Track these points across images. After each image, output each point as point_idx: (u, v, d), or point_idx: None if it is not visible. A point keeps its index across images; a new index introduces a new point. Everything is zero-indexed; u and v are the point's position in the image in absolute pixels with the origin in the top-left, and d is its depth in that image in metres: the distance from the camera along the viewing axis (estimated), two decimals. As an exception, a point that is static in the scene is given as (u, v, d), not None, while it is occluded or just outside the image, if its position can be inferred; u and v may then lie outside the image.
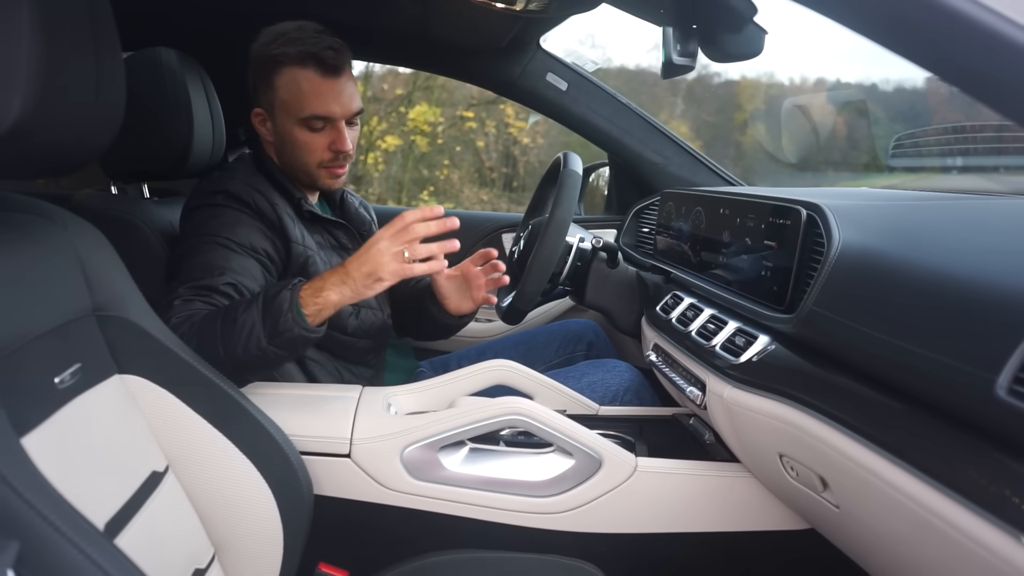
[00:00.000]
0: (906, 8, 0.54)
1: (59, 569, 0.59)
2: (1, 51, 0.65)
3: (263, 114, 1.39)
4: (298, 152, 1.37)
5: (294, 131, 1.35)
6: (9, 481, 0.59)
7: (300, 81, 1.32)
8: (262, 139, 1.43)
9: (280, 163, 1.42)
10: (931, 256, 0.85)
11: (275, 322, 1.09)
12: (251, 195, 1.30)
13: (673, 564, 1.20)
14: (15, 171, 0.76)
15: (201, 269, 1.21)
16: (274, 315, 1.10)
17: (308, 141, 1.36)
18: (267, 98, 1.36)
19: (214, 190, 1.31)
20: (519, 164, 7.30)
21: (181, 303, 1.16)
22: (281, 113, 1.35)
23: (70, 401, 0.80)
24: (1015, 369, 0.63)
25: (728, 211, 1.32)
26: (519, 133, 7.17)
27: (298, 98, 1.32)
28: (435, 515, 1.17)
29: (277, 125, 1.37)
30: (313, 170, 1.39)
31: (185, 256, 1.24)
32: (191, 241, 1.26)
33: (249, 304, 1.12)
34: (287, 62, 1.32)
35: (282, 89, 1.33)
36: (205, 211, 1.28)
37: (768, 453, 1.04)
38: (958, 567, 0.70)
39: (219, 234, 1.25)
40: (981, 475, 0.66)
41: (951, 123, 1.55)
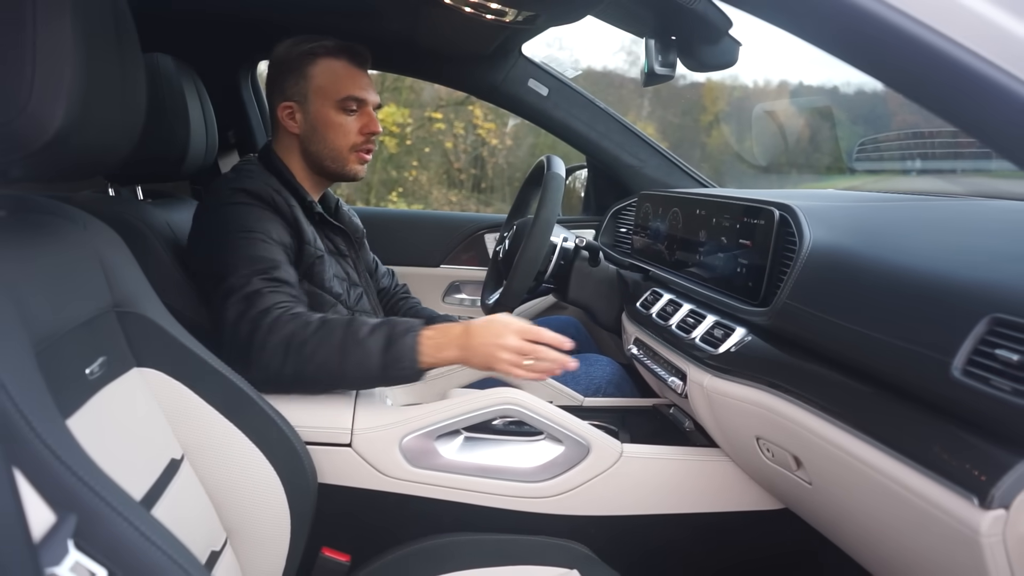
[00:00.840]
0: (836, 14, 0.61)
1: (111, 539, 0.64)
2: (49, 63, 0.69)
3: (292, 107, 1.45)
4: (332, 135, 1.44)
5: (330, 114, 1.43)
6: (63, 460, 0.64)
7: (336, 68, 1.43)
8: (279, 137, 1.48)
9: (305, 154, 1.47)
10: (894, 253, 0.93)
11: (396, 360, 1.17)
12: (270, 194, 1.35)
13: (657, 543, 1.27)
14: (53, 175, 0.80)
15: (260, 261, 1.25)
16: (395, 354, 1.17)
17: (343, 123, 1.44)
18: (299, 88, 1.43)
19: (234, 188, 1.34)
20: (487, 165, 7.34)
21: (270, 293, 1.22)
22: (317, 98, 1.43)
23: (99, 391, 0.85)
24: (968, 352, 0.72)
25: (704, 211, 1.39)
26: (488, 134, 7.22)
27: (335, 82, 1.43)
28: (432, 501, 1.23)
29: (311, 112, 1.44)
30: (346, 153, 1.46)
31: (229, 249, 1.26)
32: (228, 237, 1.28)
33: (374, 331, 1.19)
34: (323, 53, 1.43)
35: (318, 76, 1.43)
36: (231, 208, 1.32)
37: (746, 437, 1.12)
38: (919, 532, 0.78)
39: (255, 229, 1.29)
40: (941, 448, 0.74)
41: (911, 128, 1.65)
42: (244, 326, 1.19)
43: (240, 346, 1.19)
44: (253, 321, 1.19)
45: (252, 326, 1.19)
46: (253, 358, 1.17)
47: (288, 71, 1.44)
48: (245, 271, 1.24)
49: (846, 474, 0.89)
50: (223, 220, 1.31)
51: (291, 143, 1.48)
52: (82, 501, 0.64)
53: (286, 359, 1.17)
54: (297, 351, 1.16)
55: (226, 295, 1.23)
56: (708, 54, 1.40)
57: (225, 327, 1.21)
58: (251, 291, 1.22)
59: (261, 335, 1.17)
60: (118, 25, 0.83)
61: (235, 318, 1.20)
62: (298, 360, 1.16)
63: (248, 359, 1.17)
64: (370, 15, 1.74)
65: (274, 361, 1.17)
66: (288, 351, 1.17)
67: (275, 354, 1.17)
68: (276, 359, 1.17)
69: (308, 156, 1.47)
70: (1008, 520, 0.66)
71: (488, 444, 1.26)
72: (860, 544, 0.99)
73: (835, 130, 2.48)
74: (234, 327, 1.20)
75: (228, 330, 1.21)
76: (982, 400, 0.69)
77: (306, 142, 1.46)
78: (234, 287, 1.23)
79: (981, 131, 0.62)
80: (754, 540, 1.30)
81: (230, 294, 1.22)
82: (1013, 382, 0.67)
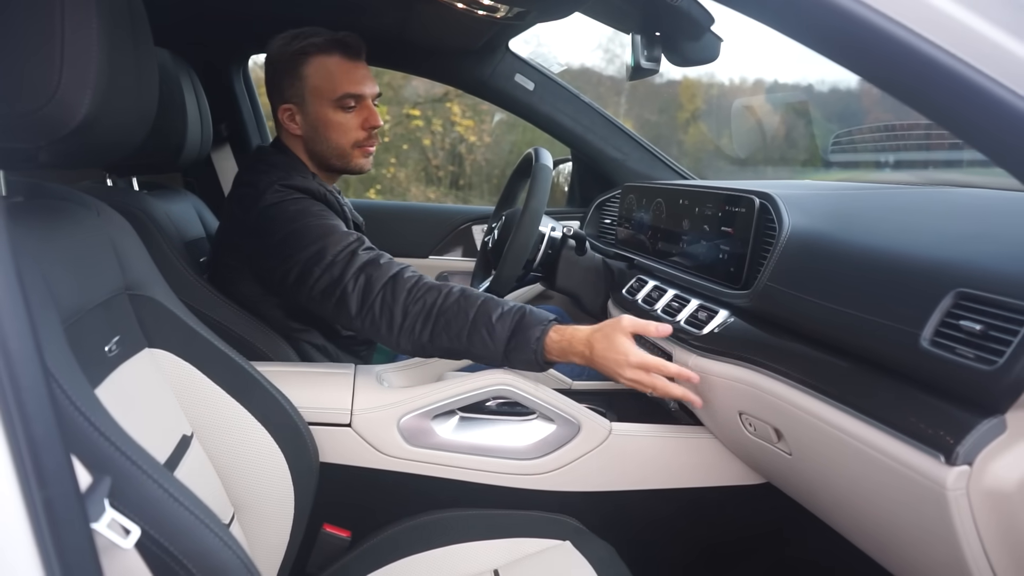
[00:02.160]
0: (816, 11, 0.66)
1: (143, 500, 0.68)
2: (76, 54, 0.73)
3: (292, 108, 1.45)
4: (333, 134, 1.46)
5: (328, 114, 1.44)
6: (97, 426, 0.68)
7: (329, 66, 1.42)
8: (285, 135, 1.49)
9: (311, 153, 1.49)
10: (867, 236, 1.00)
11: (519, 346, 1.20)
12: (315, 187, 1.38)
13: (644, 516, 1.33)
14: (76, 161, 0.84)
15: (347, 236, 1.29)
16: (521, 341, 1.20)
17: (343, 121, 1.45)
18: (296, 90, 1.44)
19: (284, 185, 1.36)
20: (466, 162, 7.36)
21: (388, 262, 1.26)
22: (314, 99, 1.43)
23: (116, 368, 0.89)
24: (936, 324, 0.78)
25: (687, 202, 1.45)
26: (466, 132, 7.23)
27: (330, 81, 1.42)
28: (429, 478, 1.28)
29: (309, 113, 1.45)
30: (348, 151, 1.48)
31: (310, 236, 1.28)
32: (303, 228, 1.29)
33: (505, 316, 1.22)
34: (314, 51, 1.42)
35: (312, 76, 1.42)
36: (290, 204, 1.33)
37: (729, 412, 1.17)
38: (892, 491, 0.84)
39: (324, 216, 1.32)
40: (911, 413, 0.80)
41: (884, 122, 1.72)
42: (378, 298, 1.23)
43: (379, 317, 1.23)
44: (387, 290, 1.23)
45: (388, 295, 1.22)
46: (400, 326, 1.22)
47: (283, 72, 1.44)
48: (342, 248, 1.26)
49: (824, 443, 0.95)
50: (289, 213, 1.31)
51: (297, 141, 1.49)
52: (115, 464, 0.68)
53: (425, 327, 1.21)
54: (436, 319, 1.21)
55: (334, 279, 1.25)
56: (691, 49, 1.46)
57: (349, 303, 1.24)
58: (364, 262, 1.25)
59: (402, 303, 1.22)
60: (133, 19, 0.87)
61: (363, 293, 1.24)
62: (435, 329, 1.21)
63: (393, 327, 1.22)
64: (361, 10, 1.78)
65: (417, 326, 1.21)
66: (428, 319, 1.21)
67: (417, 321, 1.21)
68: (419, 325, 1.21)
69: (313, 155, 1.49)
70: (971, 475, 0.73)
71: (482, 424, 1.31)
72: (837, 509, 1.06)
73: (811, 126, 2.56)
74: (364, 301, 1.23)
75: (359, 305, 1.24)
76: (949, 367, 0.75)
77: (309, 142, 1.48)
78: (338, 269, 1.25)
79: (954, 124, 0.68)
80: (736, 513, 1.36)
81: (343, 273, 1.25)
82: (976, 350, 0.73)
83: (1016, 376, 0.68)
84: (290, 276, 1.29)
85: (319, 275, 1.26)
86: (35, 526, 0.52)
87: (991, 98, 0.60)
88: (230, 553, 0.72)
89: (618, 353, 1.17)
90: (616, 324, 1.19)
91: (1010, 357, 0.69)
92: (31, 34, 0.72)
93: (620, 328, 1.18)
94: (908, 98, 0.68)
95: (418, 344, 1.24)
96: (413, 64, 2.21)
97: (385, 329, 1.24)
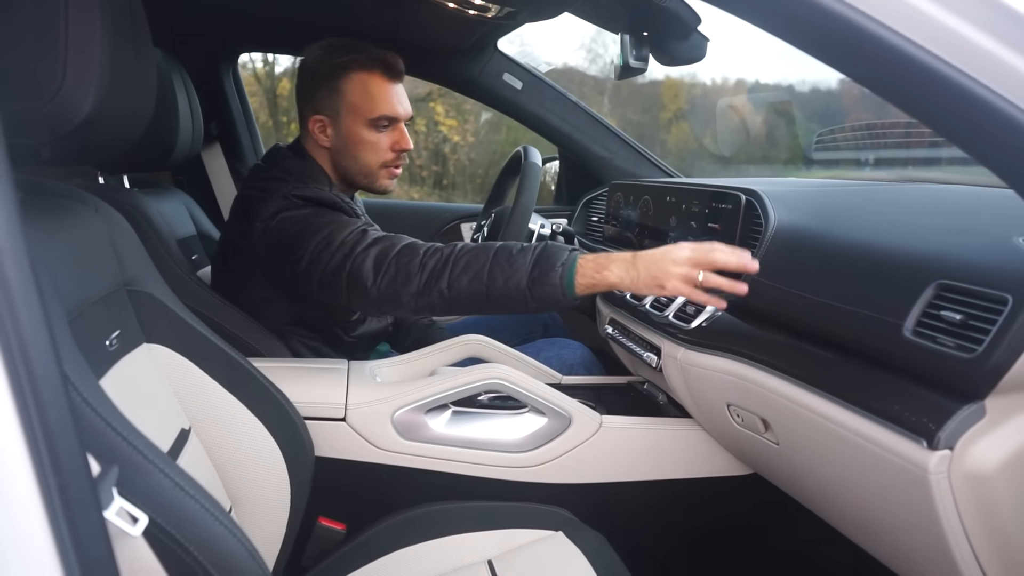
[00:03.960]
0: (803, 11, 0.69)
1: (150, 489, 0.69)
2: (79, 52, 0.74)
3: (324, 120, 1.44)
4: (363, 153, 1.45)
5: (362, 132, 1.43)
6: (103, 416, 0.69)
7: (369, 85, 1.41)
8: (311, 144, 1.47)
9: (336, 167, 1.47)
10: (850, 230, 1.03)
11: (543, 274, 1.12)
12: (331, 198, 1.36)
13: (634, 507, 1.36)
14: (78, 158, 0.85)
15: (354, 222, 1.28)
16: (545, 266, 1.12)
17: (375, 141, 1.44)
18: (331, 103, 1.42)
19: (299, 196, 1.34)
20: (449, 162, 7.36)
21: (391, 235, 1.24)
22: (349, 116, 1.42)
23: (117, 362, 0.90)
24: (917, 315, 0.81)
25: (674, 199, 1.48)
26: (450, 131, 7.23)
27: (368, 100, 1.41)
28: (423, 471, 1.29)
29: (342, 129, 1.43)
30: (376, 170, 1.47)
31: (321, 233, 1.26)
32: (317, 229, 1.27)
33: (525, 249, 1.16)
34: (355, 67, 1.40)
35: (351, 93, 1.41)
36: (305, 213, 1.31)
37: (717, 404, 1.20)
38: (877, 476, 0.87)
39: (334, 220, 1.29)
40: (895, 400, 0.83)
41: (865, 122, 1.76)
42: (392, 264, 1.19)
43: (395, 281, 1.18)
44: (401, 256, 1.19)
45: (402, 260, 1.18)
46: (415, 285, 1.17)
47: (320, 83, 1.42)
48: (350, 231, 1.24)
49: (810, 432, 0.98)
50: (295, 222, 1.30)
51: (324, 153, 1.48)
52: (123, 454, 0.69)
53: (443, 276, 1.15)
54: (453, 266, 1.15)
55: (348, 252, 1.22)
56: (678, 49, 1.48)
57: (364, 275, 1.19)
58: (375, 239, 1.22)
59: (418, 264, 1.17)
60: (133, 18, 0.88)
61: (376, 264, 1.20)
62: (452, 274, 1.15)
63: (410, 286, 1.17)
64: (352, 9, 1.79)
65: (433, 279, 1.16)
66: (445, 267, 1.16)
67: (434, 273, 1.16)
68: (434, 277, 1.16)
69: (339, 168, 1.48)
70: (952, 459, 0.76)
71: (475, 417, 1.33)
72: (823, 497, 1.09)
73: (793, 126, 2.60)
74: (378, 272, 1.19)
75: (373, 277, 1.19)
76: (930, 356, 0.78)
77: (337, 156, 1.47)
78: (350, 244, 1.22)
79: (934, 121, 0.71)
80: (725, 503, 1.39)
81: (353, 248, 1.21)
82: (957, 339, 0.76)
83: (995, 363, 0.71)
84: (300, 265, 1.26)
85: (328, 258, 1.23)
86: (50, 512, 0.53)
87: (969, 95, 0.63)
88: (235, 540, 0.73)
89: (665, 253, 1.09)
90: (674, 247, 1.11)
91: (989, 345, 0.72)
92: (36, 32, 0.73)
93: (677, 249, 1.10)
94: (890, 95, 0.71)
95: (438, 296, 1.17)
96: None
97: (403, 289, 1.17)
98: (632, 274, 1.10)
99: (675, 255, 1.08)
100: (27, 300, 0.54)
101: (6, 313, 0.51)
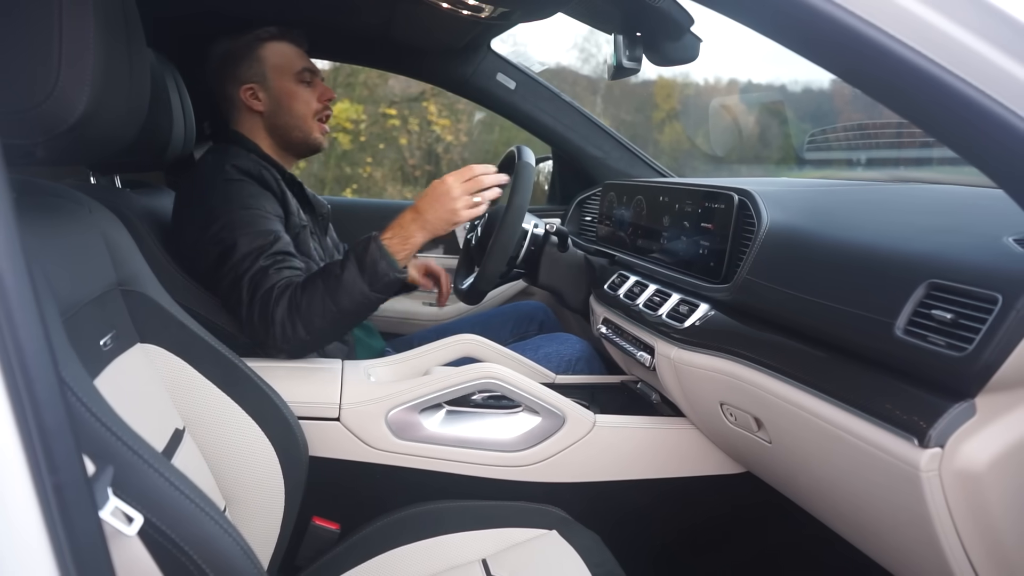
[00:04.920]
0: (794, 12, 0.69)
1: (145, 489, 0.69)
2: (73, 53, 0.74)
3: (254, 87, 1.55)
4: (296, 105, 1.56)
5: (291, 86, 1.55)
6: (98, 416, 0.69)
7: (284, 49, 1.56)
8: (242, 119, 1.57)
9: (272, 128, 1.57)
10: (842, 230, 1.04)
11: (373, 273, 1.28)
12: (258, 170, 1.43)
13: (628, 506, 1.36)
14: (71, 158, 0.85)
15: (262, 237, 1.33)
16: (371, 268, 1.28)
17: (303, 93, 1.57)
18: (255, 71, 1.54)
19: (224, 166, 1.42)
20: (442, 162, 7.35)
21: (275, 271, 1.31)
22: (275, 75, 1.55)
23: (111, 363, 0.90)
24: (909, 314, 0.82)
25: (667, 199, 1.48)
26: (443, 131, 7.22)
27: (288, 59, 1.56)
28: (417, 471, 1.29)
29: (272, 89, 1.55)
30: (310, 121, 1.58)
31: (232, 228, 1.33)
32: (227, 215, 1.35)
33: (344, 263, 1.30)
34: (268, 38, 1.55)
35: (271, 57, 1.55)
36: (224, 186, 1.39)
37: (710, 403, 1.21)
38: (868, 474, 0.88)
39: (251, 205, 1.37)
40: (886, 399, 0.84)
41: (857, 122, 1.77)
42: (255, 308, 1.28)
43: (256, 327, 1.29)
44: (261, 301, 1.28)
45: (261, 306, 1.28)
46: (271, 334, 1.28)
47: (240, 58, 1.54)
48: (249, 250, 1.32)
49: (803, 430, 0.98)
50: (219, 197, 1.37)
51: (255, 122, 1.57)
52: (118, 453, 0.69)
53: (294, 326, 1.27)
54: (298, 313, 1.26)
55: (235, 279, 1.31)
56: (671, 49, 1.49)
57: (240, 309, 1.31)
58: (256, 271, 1.30)
59: (269, 312, 1.27)
60: (127, 18, 0.88)
61: (248, 301, 1.29)
62: (302, 320, 1.26)
63: (267, 336, 1.28)
64: (346, 9, 1.79)
65: (287, 330, 1.27)
66: (293, 317, 1.27)
67: (284, 324, 1.27)
68: (288, 327, 1.27)
69: (275, 130, 1.57)
70: (943, 457, 0.76)
71: (469, 417, 1.33)
72: (815, 495, 1.09)
73: (786, 126, 2.61)
74: (248, 310, 1.29)
75: (244, 312, 1.30)
76: (921, 355, 0.79)
77: (272, 116, 1.56)
78: (240, 270, 1.31)
79: (925, 121, 0.71)
80: (718, 502, 1.40)
81: (239, 278, 1.30)
82: (947, 338, 0.77)
83: (985, 361, 0.72)
84: (206, 262, 1.36)
85: (226, 271, 1.32)
86: (46, 512, 0.53)
87: (958, 95, 0.64)
88: (230, 540, 0.73)
89: (442, 197, 1.32)
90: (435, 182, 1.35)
91: (979, 344, 0.72)
92: (30, 33, 0.73)
93: (437, 183, 1.34)
94: (880, 95, 0.71)
95: (300, 343, 1.30)
96: (396, 63, 2.23)
97: (264, 336, 1.30)
98: (429, 227, 1.33)
99: (450, 192, 1.33)
100: (23, 301, 0.54)
101: (2, 314, 0.51)
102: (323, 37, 1.97)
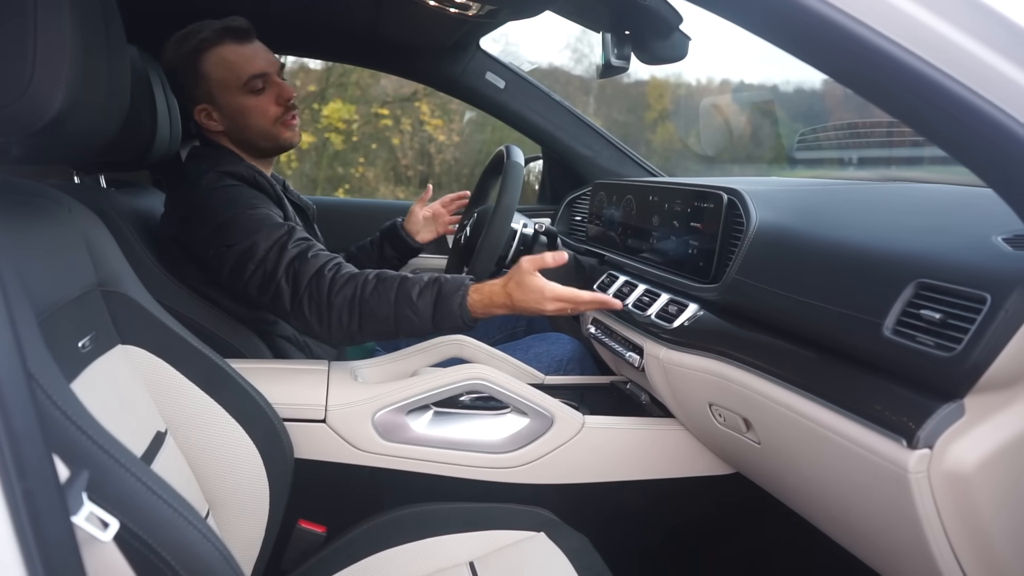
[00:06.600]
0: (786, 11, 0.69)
1: (121, 493, 0.68)
2: (48, 49, 0.73)
3: (207, 108, 1.46)
4: (252, 119, 1.46)
5: (241, 100, 1.45)
6: (73, 419, 0.67)
7: (224, 56, 1.43)
8: (211, 135, 1.51)
9: (238, 143, 1.50)
10: (831, 229, 1.03)
11: (444, 317, 1.25)
12: (251, 174, 1.40)
13: (616, 507, 1.35)
14: (49, 156, 0.83)
15: (277, 229, 1.31)
16: (444, 312, 1.25)
17: (257, 104, 1.46)
18: (203, 88, 1.44)
19: (219, 172, 1.38)
20: (435, 162, 7.34)
21: (313, 257, 1.29)
22: (222, 91, 1.44)
23: (89, 365, 0.88)
24: (897, 314, 0.81)
25: (656, 198, 1.48)
26: (435, 131, 7.21)
27: (231, 70, 1.43)
28: (404, 473, 1.28)
29: (223, 106, 1.45)
30: (271, 129, 1.48)
31: (245, 231, 1.31)
32: (237, 221, 1.32)
33: (424, 290, 1.26)
34: (206, 47, 1.42)
35: (213, 71, 1.43)
36: (224, 191, 1.36)
37: (699, 404, 1.20)
38: (857, 475, 0.87)
39: (255, 205, 1.35)
40: (875, 400, 0.83)
41: (847, 121, 1.77)
42: (306, 295, 1.26)
43: (307, 314, 1.27)
44: (313, 287, 1.26)
45: (315, 291, 1.26)
46: (327, 319, 1.26)
47: (185, 76, 1.45)
48: (270, 245, 1.29)
49: (791, 431, 0.98)
50: (221, 206, 1.34)
51: (221, 137, 1.50)
52: (93, 458, 0.68)
53: (351, 317, 1.25)
54: (360, 308, 1.25)
55: (267, 275, 1.28)
56: (660, 48, 1.48)
57: (283, 300, 1.28)
58: (288, 261, 1.28)
59: (326, 298, 1.25)
60: (106, 14, 0.86)
61: (292, 291, 1.27)
62: (361, 318, 1.25)
63: (323, 321, 1.26)
64: (332, 7, 1.77)
65: (343, 318, 1.25)
66: (353, 310, 1.25)
67: (343, 312, 1.25)
68: (344, 316, 1.25)
69: (241, 144, 1.50)
70: (932, 458, 0.76)
71: (457, 418, 1.32)
72: (804, 496, 1.09)
73: (777, 125, 2.61)
74: (295, 299, 1.27)
75: (288, 303, 1.28)
76: (910, 355, 0.78)
77: (233, 133, 1.49)
78: (270, 265, 1.28)
79: (916, 120, 0.71)
80: (707, 503, 1.39)
81: (272, 273, 1.28)
82: (936, 338, 0.76)
83: (973, 362, 0.71)
84: (224, 269, 1.32)
85: (252, 270, 1.29)
86: (15, 518, 0.52)
87: (949, 95, 0.63)
88: (209, 545, 0.72)
89: (534, 292, 1.25)
90: (519, 269, 1.27)
91: (968, 344, 0.72)
92: (3, 30, 0.71)
93: (525, 271, 1.26)
94: (870, 95, 0.71)
95: (349, 334, 1.28)
96: (384, 62, 2.21)
97: (316, 324, 1.27)
98: (515, 311, 1.28)
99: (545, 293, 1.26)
100: (-10, 302, 0.52)
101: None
102: (310, 35, 1.96)
